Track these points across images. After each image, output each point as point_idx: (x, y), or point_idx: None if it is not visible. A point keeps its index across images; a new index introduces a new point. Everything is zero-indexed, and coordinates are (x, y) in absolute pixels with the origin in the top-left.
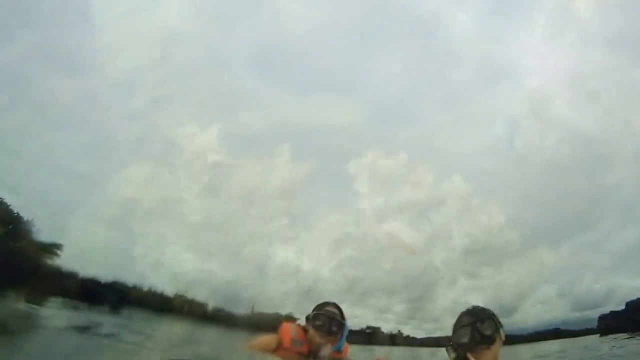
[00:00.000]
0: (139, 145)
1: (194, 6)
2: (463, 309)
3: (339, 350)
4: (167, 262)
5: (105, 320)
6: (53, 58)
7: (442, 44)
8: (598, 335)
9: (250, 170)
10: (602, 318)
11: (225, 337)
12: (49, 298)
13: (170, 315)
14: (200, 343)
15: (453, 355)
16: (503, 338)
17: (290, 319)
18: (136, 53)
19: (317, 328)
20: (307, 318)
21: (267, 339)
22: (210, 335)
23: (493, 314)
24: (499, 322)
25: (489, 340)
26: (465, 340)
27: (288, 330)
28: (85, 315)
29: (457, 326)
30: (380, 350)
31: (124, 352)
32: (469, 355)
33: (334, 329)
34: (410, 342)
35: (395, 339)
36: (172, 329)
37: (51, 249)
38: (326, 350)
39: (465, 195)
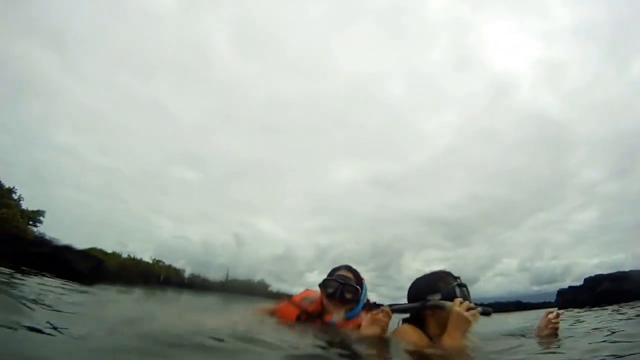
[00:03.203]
0: (125, 116)
1: None
2: None
3: (351, 318)
4: (147, 228)
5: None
6: (35, 32)
7: (415, 26)
8: (557, 308)
9: (231, 140)
10: (561, 292)
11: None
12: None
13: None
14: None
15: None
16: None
17: (262, 285)
18: (119, 32)
19: (328, 296)
20: (320, 285)
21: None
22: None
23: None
24: None
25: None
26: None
27: (305, 293)
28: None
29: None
30: None
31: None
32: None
33: (348, 295)
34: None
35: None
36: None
37: (34, 216)
38: (337, 317)
39: (433, 171)
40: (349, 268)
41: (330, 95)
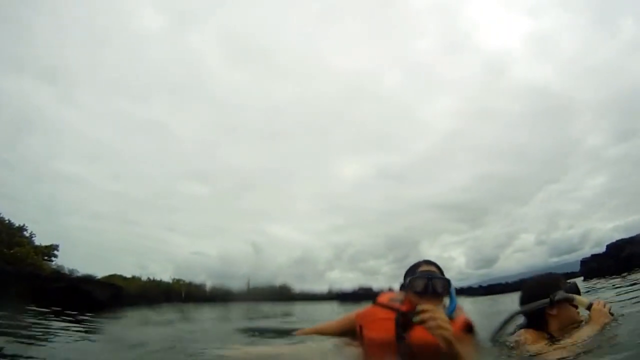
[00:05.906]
0: (127, 140)
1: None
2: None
3: (451, 315)
4: (164, 248)
5: None
6: (26, 67)
7: (400, 17)
8: (581, 278)
9: (235, 152)
10: (584, 262)
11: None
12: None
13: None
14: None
15: None
16: None
17: (285, 289)
18: (111, 59)
19: (419, 294)
20: (403, 287)
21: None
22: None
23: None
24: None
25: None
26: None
27: (387, 294)
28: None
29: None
30: None
31: None
32: None
33: (439, 289)
34: None
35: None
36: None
37: (47, 251)
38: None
39: (438, 157)
40: (429, 262)
41: (326, 96)
